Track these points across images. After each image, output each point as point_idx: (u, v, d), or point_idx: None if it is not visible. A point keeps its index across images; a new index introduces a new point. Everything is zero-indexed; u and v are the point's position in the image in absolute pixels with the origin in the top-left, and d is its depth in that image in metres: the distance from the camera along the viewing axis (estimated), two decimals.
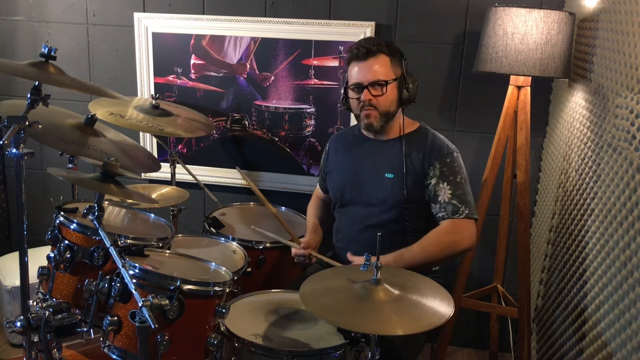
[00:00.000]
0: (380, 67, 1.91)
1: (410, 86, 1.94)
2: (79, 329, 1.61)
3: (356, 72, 1.94)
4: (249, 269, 1.96)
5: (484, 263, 2.60)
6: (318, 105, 2.61)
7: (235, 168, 2.51)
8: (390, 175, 1.97)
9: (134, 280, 1.40)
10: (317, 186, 2.34)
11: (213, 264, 1.74)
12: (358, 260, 1.88)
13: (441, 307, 1.42)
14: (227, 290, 1.57)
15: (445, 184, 1.92)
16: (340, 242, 2.10)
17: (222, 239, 2.13)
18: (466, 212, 1.90)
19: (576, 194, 1.93)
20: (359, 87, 1.93)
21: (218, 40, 2.64)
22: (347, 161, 2.09)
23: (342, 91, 2.02)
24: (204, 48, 2.66)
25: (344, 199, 2.08)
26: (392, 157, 1.98)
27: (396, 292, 1.45)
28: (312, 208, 2.30)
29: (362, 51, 1.91)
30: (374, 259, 1.47)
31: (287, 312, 1.73)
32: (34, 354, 1.60)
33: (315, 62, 2.56)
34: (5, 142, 1.40)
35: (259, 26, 2.57)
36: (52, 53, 1.54)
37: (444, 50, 2.47)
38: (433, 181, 1.93)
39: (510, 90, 2.13)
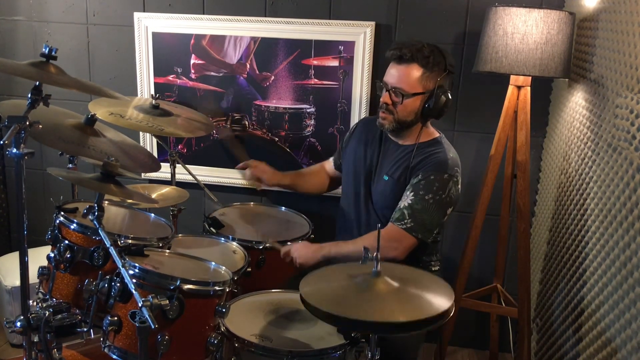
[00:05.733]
0: (407, 77, 1.87)
1: (438, 104, 1.89)
2: (79, 329, 1.61)
3: (387, 71, 1.94)
4: (249, 269, 1.95)
5: (484, 263, 2.60)
6: (318, 105, 2.61)
7: (235, 168, 2.51)
8: (385, 178, 1.98)
9: (134, 280, 1.40)
10: (330, 159, 2.38)
11: (213, 263, 1.74)
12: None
13: (441, 298, 1.40)
14: (227, 290, 1.57)
15: (412, 193, 1.88)
16: (342, 231, 2.15)
17: (222, 239, 2.13)
18: (409, 225, 1.85)
19: (576, 194, 1.93)
20: (385, 86, 1.93)
21: (218, 40, 2.64)
22: (363, 154, 2.11)
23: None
24: (204, 48, 2.66)
25: (351, 190, 2.11)
26: (397, 161, 1.98)
27: (396, 284, 1.44)
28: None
29: (396, 54, 1.89)
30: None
31: (287, 312, 1.73)
32: (34, 354, 1.60)
33: (315, 62, 2.56)
34: (6, 142, 1.40)
35: (259, 26, 2.57)
36: (53, 53, 1.54)
37: (449, 51, 2.47)
38: (407, 187, 1.92)
39: (510, 90, 2.13)
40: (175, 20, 2.64)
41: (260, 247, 2.09)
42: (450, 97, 1.92)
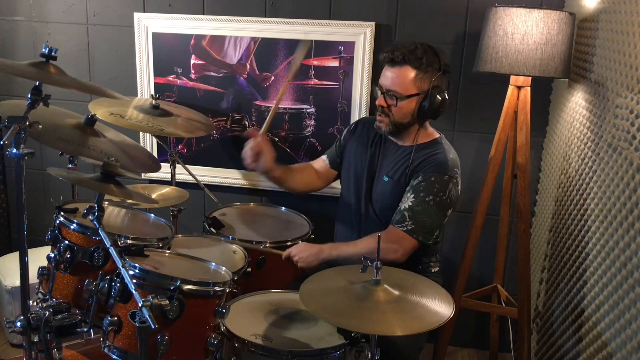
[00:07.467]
0: (401, 80, 1.87)
1: (433, 104, 1.87)
2: (79, 329, 1.60)
3: (382, 74, 1.94)
4: (249, 269, 1.96)
5: (484, 263, 2.60)
6: (318, 105, 2.61)
7: (235, 168, 2.50)
8: (385, 179, 1.98)
9: (134, 281, 1.40)
10: (323, 157, 2.28)
11: (213, 264, 1.73)
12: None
13: (441, 307, 1.42)
14: (227, 291, 1.57)
15: (412, 195, 1.87)
16: (341, 231, 2.16)
17: (222, 239, 2.13)
18: (410, 227, 1.84)
19: (576, 194, 1.93)
20: (380, 89, 1.93)
21: (218, 40, 2.64)
22: (362, 155, 2.10)
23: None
24: (204, 48, 2.66)
25: (351, 191, 2.10)
26: (397, 162, 1.98)
27: (396, 292, 1.45)
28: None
29: (388, 57, 1.89)
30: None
31: (287, 312, 1.73)
32: (34, 354, 1.60)
33: (315, 62, 2.56)
34: (6, 142, 1.40)
35: (259, 26, 2.57)
36: (53, 53, 1.54)
37: (444, 51, 2.46)
38: (407, 188, 1.91)
39: (510, 90, 2.13)
40: (175, 21, 2.64)
41: (261, 247, 2.09)
42: (446, 96, 1.91)
